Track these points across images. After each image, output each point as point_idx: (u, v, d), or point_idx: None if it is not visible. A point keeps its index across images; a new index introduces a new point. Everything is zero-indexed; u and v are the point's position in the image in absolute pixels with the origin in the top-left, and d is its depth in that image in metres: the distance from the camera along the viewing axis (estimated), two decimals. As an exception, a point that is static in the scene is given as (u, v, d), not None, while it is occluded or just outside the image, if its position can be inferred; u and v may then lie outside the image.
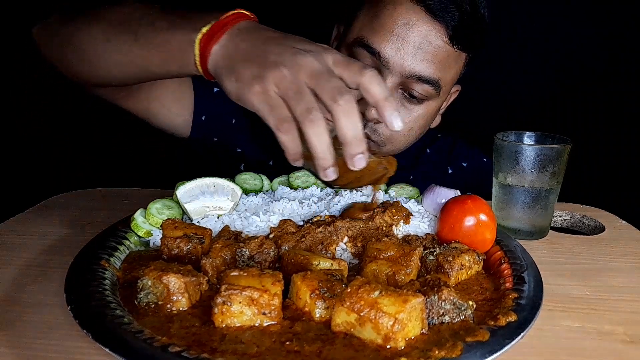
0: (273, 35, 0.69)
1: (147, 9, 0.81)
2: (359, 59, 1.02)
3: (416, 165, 1.29)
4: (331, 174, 0.64)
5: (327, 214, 0.85)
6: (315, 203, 0.91)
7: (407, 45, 0.98)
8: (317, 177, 0.71)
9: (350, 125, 0.62)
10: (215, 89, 1.22)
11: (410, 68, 0.99)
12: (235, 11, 0.71)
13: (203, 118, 1.20)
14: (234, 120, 1.26)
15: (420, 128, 1.11)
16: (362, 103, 1.02)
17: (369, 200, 0.92)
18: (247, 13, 0.73)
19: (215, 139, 1.25)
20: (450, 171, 1.30)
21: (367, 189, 0.96)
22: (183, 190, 0.85)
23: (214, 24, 0.70)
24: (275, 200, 0.91)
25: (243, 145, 1.27)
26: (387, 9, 1.00)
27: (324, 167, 0.64)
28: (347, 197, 0.92)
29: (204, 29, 0.70)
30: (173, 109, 1.17)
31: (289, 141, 0.63)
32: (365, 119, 1.04)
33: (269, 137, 0.68)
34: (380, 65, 1.00)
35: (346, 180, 0.71)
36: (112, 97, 1.08)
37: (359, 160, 0.63)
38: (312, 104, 0.62)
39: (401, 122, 0.65)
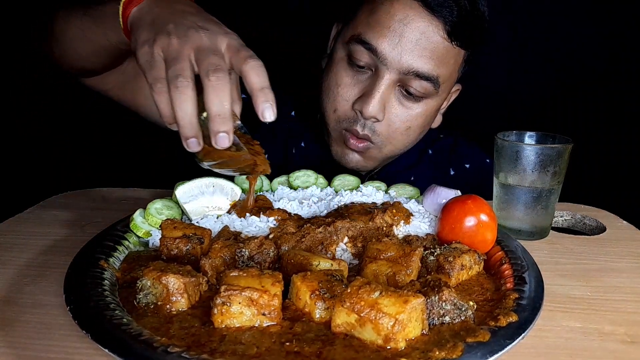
0: (186, 9, 0.73)
1: None
2: (357, 56, 1.02)
3: (418, 165, 1.29)
4: (193, 145, 0.66)
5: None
6: (315, 203, 0.91)
7: (404, 41, 0.98)
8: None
9: (217, 102, 0.64)
10: None
11: (407, 64, 0.99)
12: None
13: None
14: None
15: (419, 127, 1.10)
16: (360, 101, 1.03)
17: (369, 201, 0.92)
18: None
19: None
20: (452, 172, 1.30)
21: (369, 189, 0.96)
22: (182, 191, 0.84)
23: None
24: (275, 200, 0.90)
25: None
26: (384, 4, 1.00)
27: (184, 136, 0.66)
28: (348, 197, 0.92)
29: None
30: None
31: (161, 102, 0.66)
32: (363, 118, 1.04)
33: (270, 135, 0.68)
34: (378, 62, 1.00)
35: (211, 159, 0.73)
36: (102, 87, 1.10)
37: (221, 139, 0.65)
38: (183, 72, 0.64)
39: (273, 114, 0.67)
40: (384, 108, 1.03)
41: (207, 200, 0.85)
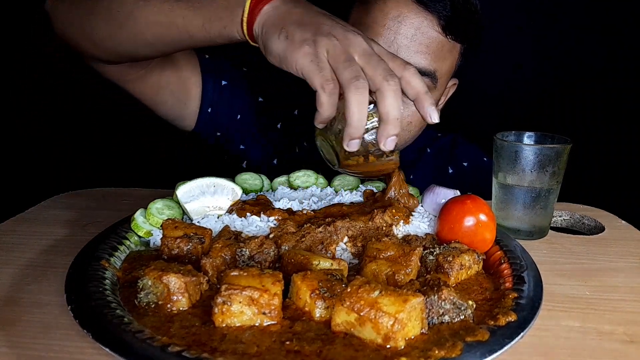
0: (323, 11, 0.73)
1: None
2: None
3: (416, 164, 1.29)
4: (355, 145, 0.68)
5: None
6: (315, 203, 0.91)
7: (400, 38, 0.99)
8: (324, 155, 0.76)
9: (395, 105, 0.65)
10: (224, 82, 1.20)
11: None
12: None
13: (209, 110, 1.19)
14: (239, 116, 1.24)
15: (419, 122, 1.11)
16: None
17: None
18: None
19: (219, 134, 1.24)
20: (450, 171, 1.30)
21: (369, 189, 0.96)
22: (183, 190, 0.85)
23: None
24: (276, 200, 0.91)
25: (246, 143, 1.27)
26: (377, 4, 1.01)
27: (352, 136, 0.67)
28: (347, 197, 0.92)
29: None
30: (181, 98, 1.15)
31: (327, 103, 0.66)
32: None
33: (274, 134, 0.68)
34: None
35: (357, 161, 0.74)
36: (123, 78, 1.05)
37: (390, 142, 0.67)
38: (360, 73, 0.65)
39: (438, 116, 0.70)
40: None
41: (207, 200, 0.85)
